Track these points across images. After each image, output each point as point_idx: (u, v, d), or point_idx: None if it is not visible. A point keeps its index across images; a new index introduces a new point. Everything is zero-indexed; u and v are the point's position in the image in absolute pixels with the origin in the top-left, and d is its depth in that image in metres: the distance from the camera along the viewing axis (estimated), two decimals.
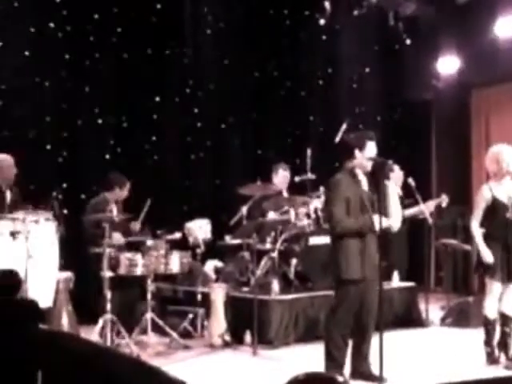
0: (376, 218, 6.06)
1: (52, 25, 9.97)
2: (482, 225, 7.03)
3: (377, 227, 6.03)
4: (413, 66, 12.93)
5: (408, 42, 12.59)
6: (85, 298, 8.48)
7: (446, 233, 11.26)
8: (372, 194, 6.42)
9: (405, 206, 9.66)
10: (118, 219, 8.27)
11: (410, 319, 9.31)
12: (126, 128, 10.60)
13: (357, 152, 6.39)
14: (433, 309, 9.86)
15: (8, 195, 8.08)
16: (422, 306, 9.47)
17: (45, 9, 9.91)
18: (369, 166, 6.36)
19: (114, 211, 8.50)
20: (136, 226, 8.66)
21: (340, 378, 2.28)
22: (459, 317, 9.36)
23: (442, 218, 10.53)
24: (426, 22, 12.36)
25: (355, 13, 11.88)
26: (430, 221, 9.59)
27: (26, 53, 9.71)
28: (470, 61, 12.21)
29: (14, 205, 8.06)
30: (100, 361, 2.57)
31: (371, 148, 6.42)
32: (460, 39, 12.16)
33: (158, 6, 10.91)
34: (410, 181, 9.70)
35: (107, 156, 10.36)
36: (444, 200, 9.92)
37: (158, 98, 10.91)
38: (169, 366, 7.08)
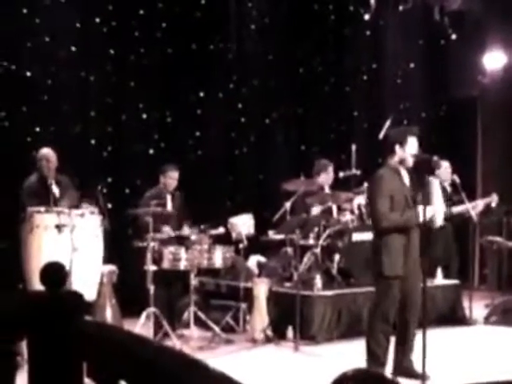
0: (420, 211, 6.03)
1: (98, 20, 10.04)
2: None
3: (421, 220, 6.00)
4: (458, 61, 12.80)
5: (454, 37, 12.49)
6: (128, 292, 8.54)
7: (491, 230, 11.14)
8: (414, 190, 6.38)
9: (453, 204, 9.60)
10: (165, 212, 8.31)
11: (454, 317, 9.23)
12: (170, 123, 10.64)
13: (397, 147, 6.34)
14: (477, 307, 9.75)
15: (54, 188, 8.16)
16: (465, 304, 9.38)
17: (91, 4, 9.99)
18: (411, 161, 6.31)
19: (169, 203, 8.55)
20: (185, 230, 8.62)
21: (389, 376, 2.26)
22: (504, 315, 9.26)
23: (487, 216, 10.41)
24: (471, 17, 12.24)
25: (400, 8, 11.82)
26: (476, 219, 9.50)
27: (72, 48, 9.80)
28: None
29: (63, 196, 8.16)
30: (144, 352, 2.58)
31: (413, 143, 6.36)
32: (506, 34, 12.03)
33: (203, 1, 10.94)
34: (455, 178, 9.61)
35: (151, 151, 10.41)
36: (494, 200, 9.84)
37: (202, 94, 10.94)
38: (211, 360, 7.10)
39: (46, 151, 8.26)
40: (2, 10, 9.16)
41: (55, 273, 2.93)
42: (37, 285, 7.03)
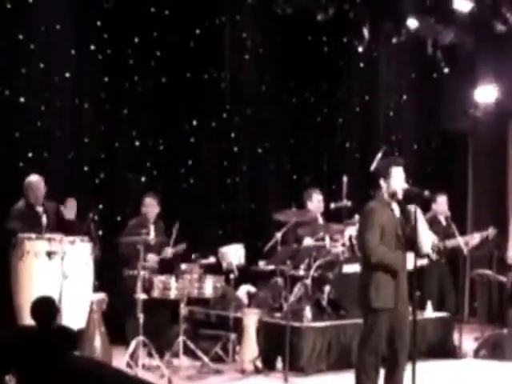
0: (409, 256, 6.07)
1: (93, 47, 10.09)
2: None
3: (409, 266, 6.04)
4: (450, 94, 12.88)
5: (446, 70, 12.58)
6: (118, 320, 8.50)
7: (481, 264, 11.16)
8: (404, 222, 6.38)
9: (447, 237, 9.64)
10: (152, 242, 8.31)
11: (444, 350, 9.22)
12: (163, 151, 10.65)
13: (382, 181, 6.34)
14: (467, 340, 9.74)
15: (43, 216, 8.16)
16: (455, 337, 9.37)
17: (86, 31, 10.03)
18: (400, 193, 6.30)
19: (152, 232, 8.55)
20: (168, 251, 8.70)
21: None
22: (493, 349, 9.26)
23: (478, 250, 10.43)
24: (464, 51, 12.32)
25: (394, 40, 11.89)
26: (466, 251, 9.52)
27: (67, 74, 9.83)
28: (509, 90, 12.16)
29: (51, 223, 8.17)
30: None
31: (398, 174, 6.33)
32: (498, 68, 12.11)
33: (198, 31, 10.98)
34: (447, 211, 9.66)
35: (143, 178, 10.41)
36: (491, 233, 9.90)
37: (195, 122, 10.96)
38: None
39: (34, 179, 8.28)
40: None
41: (46, 308, 2.93)
42: (26, 312, 7.02)
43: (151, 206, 8.86)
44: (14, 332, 3.43)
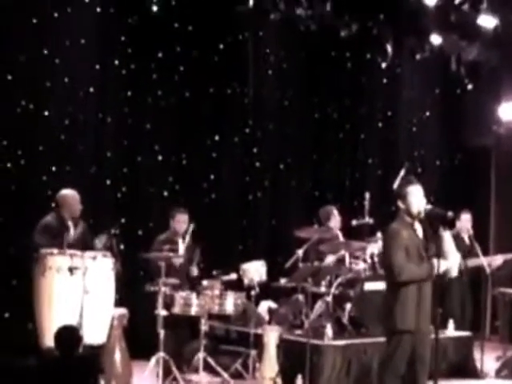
0: (435, 263, 6.04)
1: (117, 62, 10.13)
2: None
3: (436, 272, 6.01)
4: (474, 111, 12.84)
5: (470, 86, 12.54)
6: (138, 335, 8.51)
7: (503, 282, 11.07)
8: (427, 242, 6.36)
9: (469, 256, 9.59)
10: (181, 259, 8.35)
11: (465, 370, 9.15)
12: (186, 166, 10.67)
13: (400, 203, 6.34)
14: (488, 359, 9.67)
15: (72, 230, 8.21)
16: (477, 356, 9.31)
17: (110, 46, 10.08)
18: (421, 213, 6.28)
19: (181, 247, 8.56)
20: (194, 270, 8.71)
21: None
22: None
23: (501, 268, 10.36)
24: (488, 67, 12.28)
25: (417, 57, 11.86)
26: (488, 271, 9.47)
27: (91, 89, 9.86)
28: None
29: (81, 240, 8.20)
30: None
31: (415, 193, 6.32)
32: None
33: (221, 46, 11.01)
34: (470, 229, 9.62)
35: (165, 193, 10.43)
36: None
37: (217, 137, 10.97)
38: None
39: (71, 193, 8.36)
40: (23, 50, 9.26)
41: (69, 337, 2.94)
42: (47, 330, 7.06)
43: (182, 223, 8.89)
44: (37, 358, 3.43)
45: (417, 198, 6.29)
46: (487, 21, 10.69)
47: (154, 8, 9.90)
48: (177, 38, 10.52)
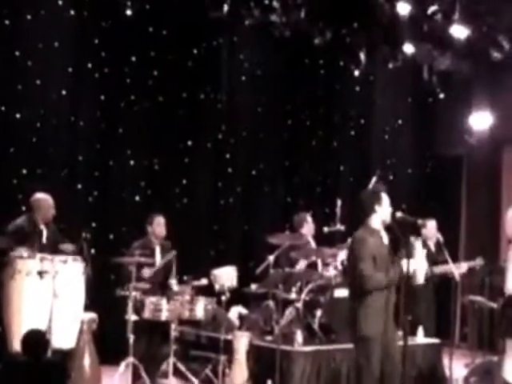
0: (403, 265, 6.06)
1: (90, 65, 10.09)
2: None
3: (402, 277, 6.03)
4: (445, 120, 12.97)
5: (441, 96, 12.66)
6: (108, 340, 8.47)
7: (473, 290, 11.15)
8: (393, 249, 6.39)
9: (436, 263, 9.64)
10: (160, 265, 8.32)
11: (434, 377, 9.19)
12: (158, 170, 10.65)
13: (369, 210, 6.35)
14: (457, 366, 9.72)
15: (44, 233, 8.18)
16: (446, 362, 9.36)
17: (84, 49, 10.05)
18: (388, 220, 6.31)
19: (157, 254, 8.53)
20: (173, 284, 8.67)
21: None
22: (483, 376, 9.22)
23: (470, 276, 10.42)
24: (460, 77, 12.40)
25: (390, 65, 11.95)
26: (458, 278, 9.53)
27: (63, 92, 9.83)
28: (503, 117, 12.25)
29: (52, 243, 8.16)
30: None
31: (384, 201, 6.36)
32: (493, 95, 12.20)
33: (195, 51, 11.02)
34: (439, 237, 9.67)
35: (137, 198, 10.41)
36: (478, 264, 9.92)
37: (190, 142, 10.97)
38: None
39: (45, 197, 8.32)
40: None
41: (37, 341, 2.92)
42: (15, 333, 7.01)
43: (161, 226, 8.87)
44: (4, 362, 3.41)
45: (386, 206, 6.32)
46: (459, 31, 10.78)
47: (128, 12, 9.87)
48: (151, 42, 10.51)
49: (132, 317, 7.76)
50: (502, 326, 6.84)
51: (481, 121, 12.40)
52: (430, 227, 10.06)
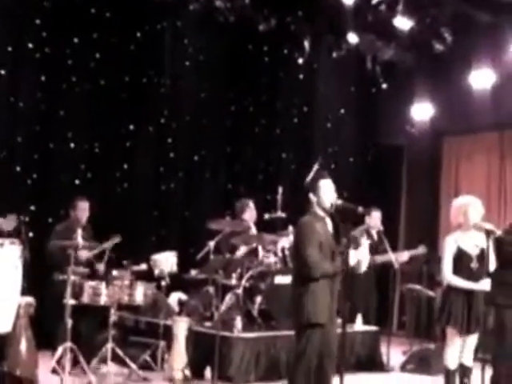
0: (346, 256, 6.05)
1: (31, 45, 9.91)
2: None
3: (348, 266, 6.03)
4: (387, 110, 13.08)
5: (384, 86, 12.76)
6: (45, 325, 8.35)
7: (411, 278, 11.29)
8: (337, 237, 6.37)
9: (377, 252, 9.72)
10: (81, 246, 8.16)
11: (372, 363, 9.29)
12: (98, 154, 10.53)
13: (312, 196, 6.33)
14: (394, 353, 9.85)
15: None
16: (383, 350, 9.46)
17: (25, 29, 9.87)
18: (330, 207, 6.28)
19: (79, 236, 8.40)
20: (101, 267, 8.61)
21: None
22: (420, 364, 9.36)
23: (409, 265, 10.54)
24: (402, 68, 12.51)
25: (334, 54, 12.00)
26: (397, 266, 9.63)
27: (2, 71, 9.64)
28: (444, 109, 12.37)
29: None
30: None
31: (327, 187, 6.32)
32: (435, 87, 12.31)
33: (138, 35, 10.91)
34: (380, 226, 9.77)
35: (77, 181, 10.27)
36: (420, 251, 10.05)
37: (132, 126, 10.87)
38: None
39: None
40: None
41: None
42: None
43: (83, 211, 8.75)
44: None
45: (329, 192, 6.30)
46: (403, 22, 10.87)
47: None
48: (94, 24, 10.37)
49: (70, 301, 7.65)
50: (442, 315, 6.88)
51: (422, 111, 12.52)
52: (375, 217, 10.15)
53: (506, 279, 7.41)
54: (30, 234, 9.01)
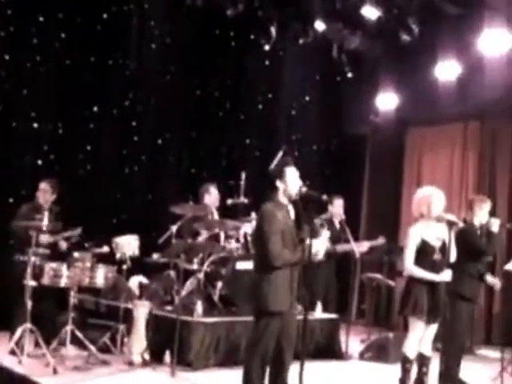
0: (307, 245, 6.05)
1: None
2: None
3: (308, 254, 6.03)
4: (352, 99, 13.11)
5: (350, 75, 12.79)
6: (5, 306, 8.29)
7: (372, 267, 11.38)
8: (299, 224, 6.38)
9: (339, 241, 9.78)
10: (46, 228, 8.10)
11: (331, 351, 9.33)
12: (62, 135, 10.45)
13: (278, 183, 6.32)
14: (353, 341, 9.92)
15: None
16: (343, 338, 9.52)
17: None
18: (294, 194, 6.29)
19: (45, 218, 8.33)
20: (63, 245, 8.57)
21: None
22: (378, 352, 9.44)
23: (369, 254, 10.61)
24: (368, 58, 12.54)
25: (300, 41, 11.99)
26: (357, 255, 9.68)
27: None
28: (409, 99, 12.45)
29: None
30: None
31: (292, 175, 6.33)
32: (400, 77, 12.37)
33: (105, 16, 10.83)
34: (342, 214, 9.82)
35: (40, 162, 10.19)
36: (380, 243, 10.14)
37: (96, 108, 10.80)
38: (85, 381, 7.00)
39: None
40: None
41: None
42: None
43: (46, 192, 8.68)
44: None
45: (295, 179, 6.31)
46: (370, 12, 10.90)
47: None
48: (60, 3, 10.26)
49: (30, 282, 7.60)
50: (407, 305, 6.92)
51: (387, 101, 12.60)
52: (337, 205, 10.19)
53: (467, 270, 7.54)
54: None
